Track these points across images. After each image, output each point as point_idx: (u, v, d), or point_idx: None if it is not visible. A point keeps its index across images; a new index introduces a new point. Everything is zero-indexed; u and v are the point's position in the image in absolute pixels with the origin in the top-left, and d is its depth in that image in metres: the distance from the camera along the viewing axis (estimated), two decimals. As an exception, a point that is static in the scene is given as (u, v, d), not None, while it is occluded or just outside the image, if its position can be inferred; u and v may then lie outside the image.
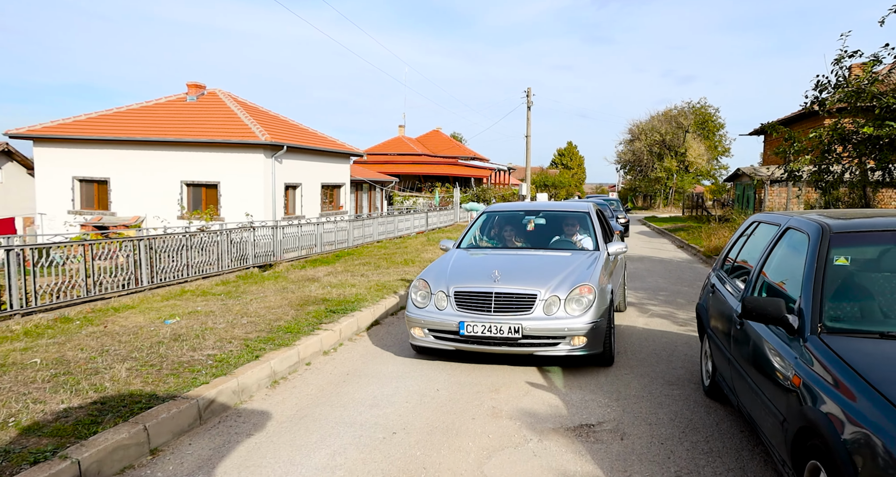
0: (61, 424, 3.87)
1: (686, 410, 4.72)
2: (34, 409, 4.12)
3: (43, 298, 7.36)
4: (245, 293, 9.13)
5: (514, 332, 5.46)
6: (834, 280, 3.19)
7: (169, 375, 4.95)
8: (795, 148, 8.40)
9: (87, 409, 4.14)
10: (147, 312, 7.71)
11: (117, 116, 24.31)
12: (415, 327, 5.89)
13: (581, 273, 5.90)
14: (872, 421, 2.30)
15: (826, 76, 8.17)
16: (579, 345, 5.49)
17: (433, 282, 6.00)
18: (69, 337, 6.28)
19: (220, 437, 4.19)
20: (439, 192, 39.03)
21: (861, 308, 3.11)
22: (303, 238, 14.07)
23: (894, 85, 7.74)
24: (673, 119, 55.38)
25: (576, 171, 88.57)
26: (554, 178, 72.37)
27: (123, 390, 4.54)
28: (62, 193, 23.26)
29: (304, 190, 25.33)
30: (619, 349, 6.56)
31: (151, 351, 5.67)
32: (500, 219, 7.86)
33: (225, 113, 24.19)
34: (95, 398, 4.35)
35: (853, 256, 3.35)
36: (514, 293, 5.61)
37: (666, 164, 54.27)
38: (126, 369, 5.04)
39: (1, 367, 5.12)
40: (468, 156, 55.37)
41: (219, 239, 11.00)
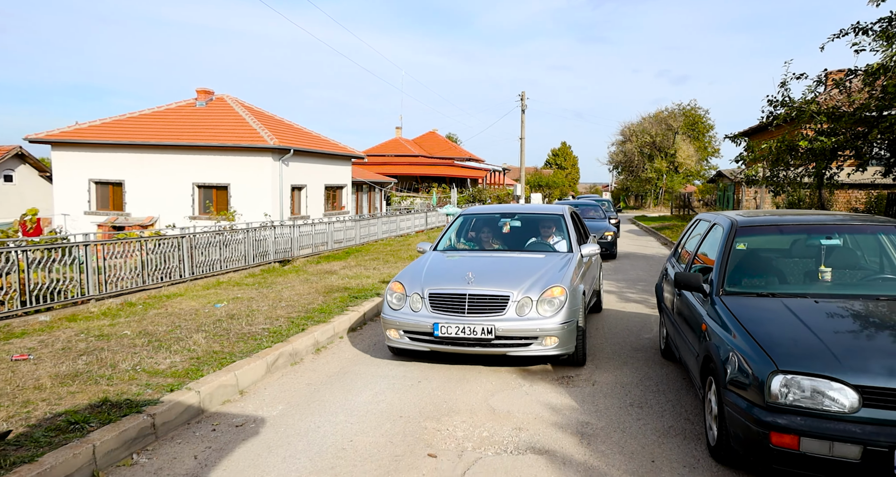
0: (174, 371, 5.18)
1: (644, 366, 6.06)
2: (149, 362, 5.43)
3: (111, 286, 8.65)
4: (274, 284, 10.43)
5: (487, 333, 5.54)
6: (735, 258, 4.55)
7: (237, 341, 6.27)
8: (750, 156, 9.79)
9: (188, 362, 5.45)
10: (195, 298, 9.01)
11: (131, 122, 25.51)
12: (390, 329, 5.97)
13: (553, 275, 6.03)
14: (738, 346, 3.63)
15: (775, 96, 9.56)
16: (551, 345, 5.60)
17: (408, 284, 6.09)
18: (141, 316, 7.58)
19: (287, 384, 5.50)
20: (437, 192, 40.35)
21: (749, 277, 4.46)
22: (316, 236, 15.37)
23: (829, 106, 9.14)
24: (663, 121, 56.91)
25: (570, 171, 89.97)
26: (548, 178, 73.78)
27: (208, 351, 5.85)
28: (79, 195, 24.46)
29: (309, 191, 26.58)
30: (598, 326, 7.89)
31: (215, 326, 6.97)
32: (477, 221, 7.92)
33: (233, 118, 25.41)
34: (190, 356, 5.66)
35: (749, 243, 4.71)
36: (487, 295, 5.70)
37: (656, 165, 55.81)
38: (202, 338, 6.35)
39: (104, 336, 6.42)
40: (464, 157, 56.68)
41: (244, 237, 12.29)
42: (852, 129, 8.70)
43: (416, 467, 3.82)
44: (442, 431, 4.39)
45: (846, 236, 4.85)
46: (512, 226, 7.72)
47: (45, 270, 7.74)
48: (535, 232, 7.56)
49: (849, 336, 3.45)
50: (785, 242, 4.86)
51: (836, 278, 4.34)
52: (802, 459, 3.11)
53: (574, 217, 7.84)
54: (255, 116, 25.76)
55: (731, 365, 3.58)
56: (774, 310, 3.90)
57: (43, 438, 3.74)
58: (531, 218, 7.84)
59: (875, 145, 8.93)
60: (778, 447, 3.16)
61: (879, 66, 8.08)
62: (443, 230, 7.76)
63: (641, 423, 4.54)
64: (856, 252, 4.77)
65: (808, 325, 3.59)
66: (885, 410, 3.03)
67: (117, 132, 24.51)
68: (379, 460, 3.92)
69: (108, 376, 5.01)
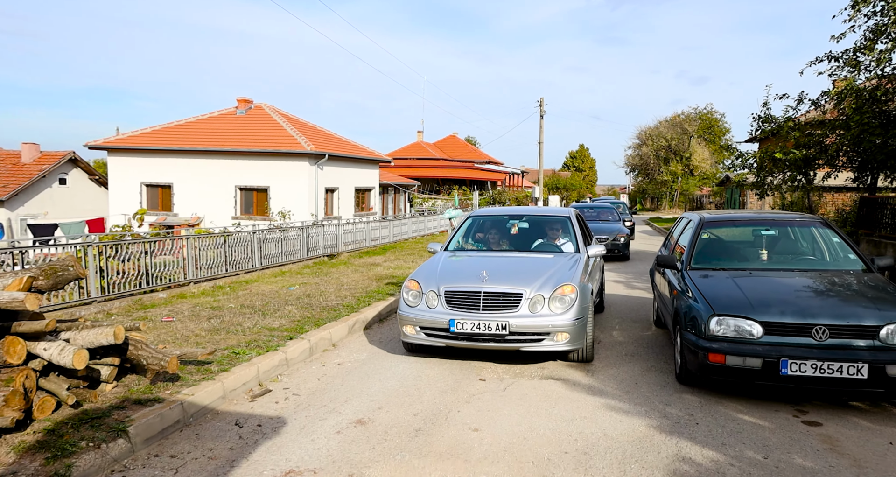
0: (285, 328, 7.00)
1: (639, 331, 7.75)
2: (263, 323, 7.25)
3: (203, 272, 10.53)
4: (329, 273, 12.26)
5: (501, 329, 5.74)
6: (700, 244, 6.24)
7: (321, 311, 8.07)
8: (739, 164, 11.44)
9: (291, 324, 7.26)
10: (269, 283, 10.85)
11: (177, 129, 27.65)
12: (407, 325, 6.18)
13: (564, 273, 6.24)
14: (693, 301, 5.33)
15: (758, 114, 11.20)
16: (562, 341, 5.79)
17: (424, 282, 6.28)
18: (234, 295, 9.42)
19: (364, 341, 7.28)
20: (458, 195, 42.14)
21: (709, 257, 6.16)
22: (356, 234, 17.22)
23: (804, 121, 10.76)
24: (679, 125, 58.14)
25: (587, 173, 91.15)
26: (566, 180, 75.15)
27: (302, 317, 7.66)
28: (131, 197, 26.61)
29: (341, 193, 28.48)
30: (606, 305, 9.55)
31: (299, 301, 8.79)
32: (485, 223, 8.12)
33: (272, 125, 27.41)
34: (290, 320, 7.47)
35: (712, 233, 6.40)
36: (501, 292, 5.90)
37: (671, 167, 57.06)
38: (294, 309, 8.17)
39: (216, 308, 8.28)
40: (483, 160, 58.39)
41: (297, 234, 14.14)
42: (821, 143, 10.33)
43: (472, 385, 5.57)
44: (487, 368, 6.13)
45: (788, 229, 6.54)
46: (520, 227, 7.92)
47: (153, 258, 9.62)
48: (542, 233, 7.77)
49: (762, 293, 5.13)
50: (737, 233, 6.56)
51: (769, 258, 6.04)
52: (727, 369, 4.81)
53: (579, 219, 8.07)
54: (291, 124, 27.74)
55: (688, 314, 5.29)
56: (721, 278, 5.60)
57: (225, 360, 5.57)
58: (538, 220, 8.08)
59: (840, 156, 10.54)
60: (713, 363, 4.86)
61: (844, 89, 9.69)
62: (452, 232, 8.04)
63: (631, 364, 6.25)
64: (795, 240, 6.45)
65: (740, 287, 5.28)
66: (777, 336, 4.71)
67: (166, 139, 26.63)
68: (446, 382, 5.68)
69: (241, 330, 6.84)
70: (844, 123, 9.55)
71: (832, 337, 4.62)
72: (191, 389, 4.78)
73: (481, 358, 6.36)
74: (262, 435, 4.35)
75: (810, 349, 4.60)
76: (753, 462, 3.90)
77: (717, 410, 4.85)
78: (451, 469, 3.82)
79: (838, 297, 5.05)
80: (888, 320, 4.58)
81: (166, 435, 4.28)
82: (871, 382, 4.47)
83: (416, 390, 5.38)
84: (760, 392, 5.20)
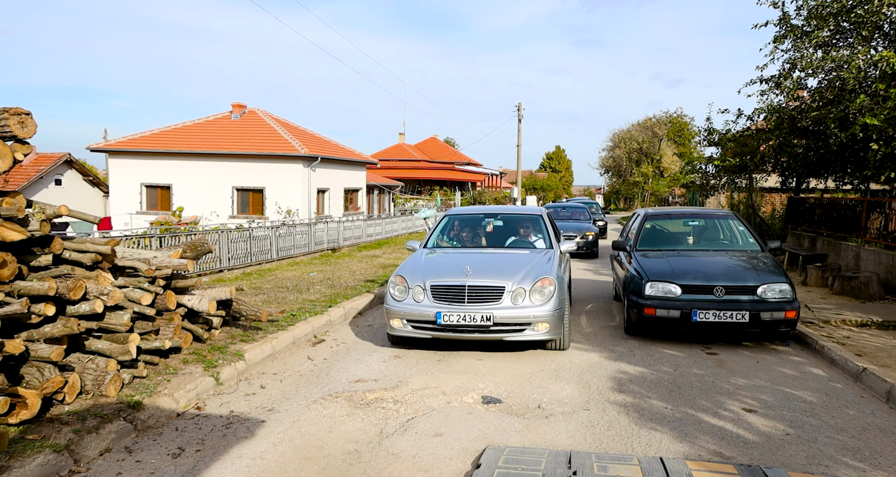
0: (321, 300, 8.83)
1: (601, 304, 9.72)
2: (303, 297, 9.07)
3: (233, 261, 12.28)
4: (338, 263, 14.06)
5: (485, 320, 6.03)
6: (644, 232, 8.24)
7: (345, 290, 9.90)
8: (689, 169, 13.54)
9: (326, 298, 9.09)
10: (290, 270, 12.63)
11: (175, 132, 29.10)
12: (394, 319, 6.40)
13: (542, 267, 6.60)
14: (635, 274, 7.31)
15: (702, 127, 13.34)
16: (542, 331, 6.14)
17: (409, 277, 6.53)
18: (264, 279, 11.20)
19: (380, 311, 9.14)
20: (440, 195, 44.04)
21: (649, 241, 8.16)
22: (354, 230, 19.02)
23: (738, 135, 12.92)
24: (650, 128, 60.83)
25: (563, 174, 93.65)
26: (542, 181, 77.50)
27: (331, 294, 9.48)
28: (131, 197, 28.01)
29: (331, 193, 30.17)
30: (575, 287, 11.52)
31: (323, 283, 10.60)
32: (462, 221, 8.39)
33: (266, 129, 29.01)
34: (323, 295, 9.29)
35: (653, 224, 8.41)
36: (484, 286, 6.19)
37: (643, 169, 59.70)
38: (323, 288, 9.99)
39: (255, 288, 10.07)
40: (463, 161, 60.38)
41: (306, 230, 15.91)
42: (753, 152, 12.48)
43: (473, 336, 7.46)
44: (482, 326, 8.02)
45: (709, 221, 8.58)
46: (495, 225, 8.23)
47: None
48: (516, 231, 8.10)
49: (683, 265, 7.13)
50: (672, 223, 8.58)
51: (693, 242, 8.07)
52: (657, 319, 6.78)
53: (549, 218, 8.40)
54: (284, 128, 29.37)
55: (632, 282, 7.26)
56: (656, 256, 7.59)
57: (286, 320, 7.40)
58: (512, 218, 8.41)
59: (767, 163, 12.71)
60: (647, 315, 6.83)
61: (767, 107, 11.83)
62: (430, 230, 8.34)
63: (591, 323, 8.21)
64: (713, 229, 8.48)
65: (669, 262, 7.27)
66: (690, 294, 6.71)
67: (165, 142, 28.07)
68: (453, 334, 7.56)
69: (287, 302, 8.65)
70: (768, 136, 11.68)
71: (727, 294, 6.62)
72: (273, 335, 6.62)
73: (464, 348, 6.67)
74: (330, 364, 6.20)
75: (712, 302, 6.60)
76: (666, 372, 5.88)
77: (649, 348, 6.82)
78: (466, 379, 5.72)
79: (734, 267, 7.07)
80: (763, 282, 6.61)
81: (265, 362, 6.12)
82: (750, 325, 6.49)
83: (433, 342, 7.26)
84: (681, 336, 7.20)
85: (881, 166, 8.90)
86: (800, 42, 11.04)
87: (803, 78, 11.08)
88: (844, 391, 5.35)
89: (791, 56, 11.16)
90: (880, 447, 4.15)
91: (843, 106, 9.15)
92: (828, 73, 10.20)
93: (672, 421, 4.60)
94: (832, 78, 9.92)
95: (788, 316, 6.47)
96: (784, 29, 11.39)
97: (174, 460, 3.91)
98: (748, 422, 4.59)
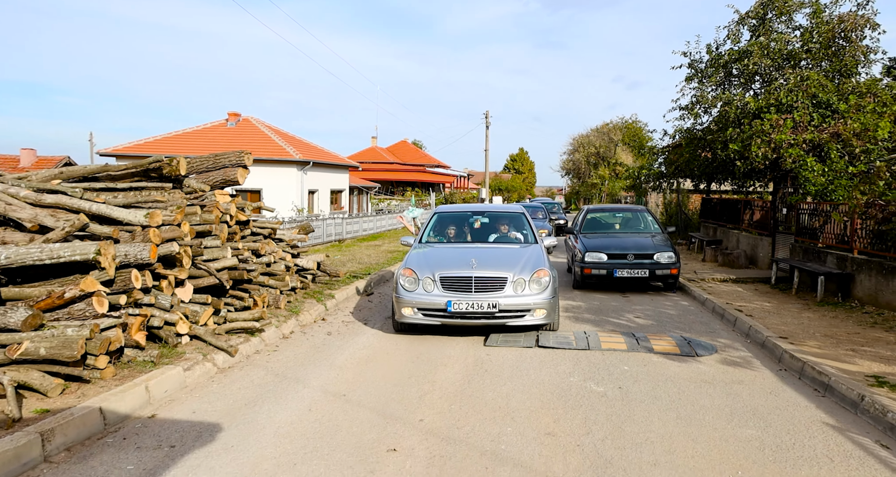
0: (360, 270, 12.32)
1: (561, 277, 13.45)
2: (345, 268, 12.54)
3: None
4: (351, 250, 17.49)
5: (492, 307, 6.58)
6: (585, 221, 12.04)
7: (372, 264, 13.38)
8: (625, 174, 17.43)
9: (361, 268, 12.58)
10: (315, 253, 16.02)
11: (176, 139, 31.93)
12: (405, 307, 6.91)
13: (537, 260, 7.25)
14: (579, 248, 11.06)
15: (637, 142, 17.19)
16: (540, 316, 6.74)
17: (418, 270, 7.02)
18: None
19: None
20: (413, 195, 47.53)
21: (588, 227, 11.94)
22: (353, 225, 22.42)
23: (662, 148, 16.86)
24: (606, 133, 65.52)
25: (527, 175, 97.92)
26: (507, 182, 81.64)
27: (365, 265, 12.96)
28: (139, 197, 30.72)
29: (320, 194, 33.39)
30: (539, 265, 15.20)
31: (351, 262, 14.05)
32: (452, 218, 9.01)
33: (261, 136, 32.08)
34: (359, 267, 12.77)
35: (592, 215, 12.22)
36: (490, 277, 6.77)
37: (600, 172, 64.31)
38: (355, 264, 13.45)
39: (305, 264, 13.49)
40: (433, 164, 63.96)
41: (321, 224, 19.28)
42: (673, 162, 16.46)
43: (471, 291, 11.11)
44: (476, 286, 11.69)
45: (633, 214, 12.39)
46: (482, 222, 8.88)
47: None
48: (502, 226, 8.79)
49: (609, 242, 10.89)
50: (604, 215, 12.38)
51: (619, 228, 11.89)
52: (593, 276, 10.53)
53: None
54: (277, 135, 32.47)
55: (577, 254, 10.98)
56: (593, 237, 11.34)
57: (345, 279, 10.88)
58: (498, 215, 9.15)
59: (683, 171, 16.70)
60: (586, 274, 10.57)
61: (683, 130, 15.78)
62: (423, 227, 8.92)
63: (551, 284, 11.92)
64: (632, 219, 12.29)
65: (601, 240, 11.04)
66: (613, 260, 10.47)
67: (168, 147, 30.87)
68: (457, 290, 11.20)
69: (342, 266, 12.12)
70: (683, 150, 15.62)
71: (635, 259, 10.39)
72: (346, 286, 10.11)
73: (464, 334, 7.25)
74: (381, 304, 9.70)
75: (626, 265, 10.35)
76: (595, 304, 9.59)
77: (588, 294, 10.54)
78: (473, 309, 9.30)
79: (641, 243, 10.86)
80: (658, 251, 10.42)
81: (344, 301, 9.60)
82: (650, 278, 10.29)
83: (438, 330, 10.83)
84: (607, 287, 10.94)
85: (745, 177, 12.83)
86: (701, 83, 15.00)
87: (704, 110, 15.04)
88: (693, 309, 9.17)
89: (696, 93, 15.11)
90: (695, 326, 7.90)
91: (726, 133, 13.03)
92: (720, 108, 14.12)
93: (593, 321, 8.28)
94: (721, 111, 13.85)
95: (672, 272, 10.29)
96: (692, 72, 15.34)
97: (328, 336, 7.37)
98: (634, 321, 8.32)
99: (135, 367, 5.18)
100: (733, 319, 7.99)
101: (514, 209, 9.32)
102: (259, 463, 3.81)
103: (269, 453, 3.95)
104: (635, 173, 17.83)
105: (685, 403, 4.95)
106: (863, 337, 6.86)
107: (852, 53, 12.72)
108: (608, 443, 4.12)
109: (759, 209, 13.30)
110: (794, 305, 8.98)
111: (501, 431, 4.33)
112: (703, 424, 4.47)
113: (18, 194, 5.62)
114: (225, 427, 4.38)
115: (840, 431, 4.39)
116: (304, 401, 4.96)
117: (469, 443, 4.11)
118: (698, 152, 15.35)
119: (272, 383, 5.43)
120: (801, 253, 10.69)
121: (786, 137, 10.52)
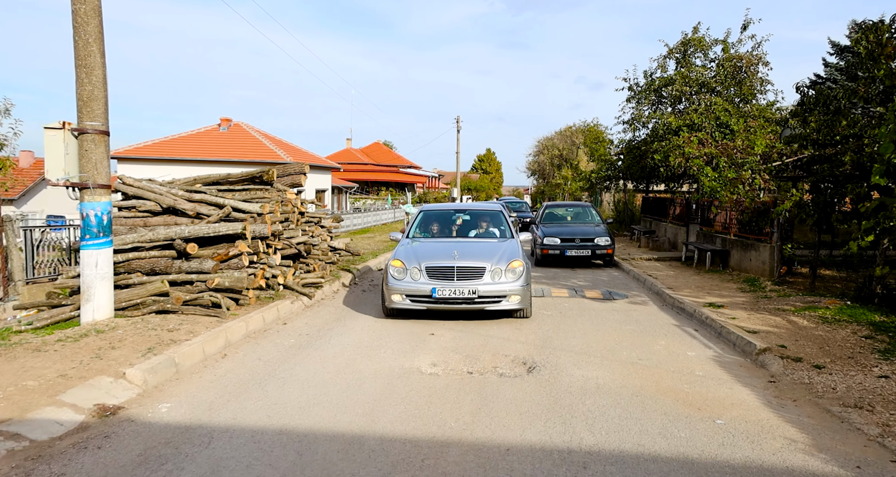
0: (367, 254, 15.51)
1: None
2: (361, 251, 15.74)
3: (288, 238, 18.72)
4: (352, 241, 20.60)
5: (471, 293, 7.46)
6: (544, 215, 15.50)
7: (373, 251, 16.57)
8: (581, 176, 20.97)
9: (368, 253, 15.76)
10: (322, 245, 19.15)
11: (173, 142, 34.44)
12: (395, 294, 7.70)
13: (512, 251, 8.16)
14: (539, 235, 14.49)
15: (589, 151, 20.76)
16: (514, 302, 7.62)
17: (406, 260, 7.86)
18: (315, 248, 17.71)
19: (401, 261, 15.94)
20: (391, 195, 50.64)
21: (547, 219, 15.40)
22: (348, 220, 25.50)
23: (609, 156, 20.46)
24: (569, 137, 69.60)
25: (494, 175, 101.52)
26: (475, 182, 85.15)
27: (369, 252, 16.14)
28: (139, 196, 33.15)
29: (305, 194, 36.21)
30: (508, 251, 18.58)
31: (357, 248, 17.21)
32: (436, 216, 9.84)
33: (252, 140, 34.80)
34: (366, 251, 15.94)
35: (550, 209, 15.69)
36: (470, 266, 7.64)
37: (563, 172, 68.35)
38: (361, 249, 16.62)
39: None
40: (406, 165, 67.04)
41: (318, 219, 22.32)
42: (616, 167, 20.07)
43: (457, 268, 14.44)
44: (460, 265, 15.04)
45: (581, 208, 15.88)
46: (464, 219, 9.65)
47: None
48: (482, 223, 9.58)
49: (561, 230, 14.36)
50: (560, 209, 15.86)
51: (570, 220, 15.38)
52: (550, 256, 13.97)
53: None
54: (267, 139, 35.23)
55: (538, 240, 14.41)
56: (550, 226, 14.80)
57: (362, 258, 14.08)
58: (478, 213, 9.98)
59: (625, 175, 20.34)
60: (544, 254, 14.01)
61: (624, 141, 19.39)
62: (410, 222, 9.63)
63: (518, 264, 15.34)
64: (581, 213, 15.78)
65: (556, 229, 14.48)
66: (565, 242, 13.92)
67: (166, 150, 33.39)
68: (446, 268, 14.51)
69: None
70: (625, 158, 19.21)
71: (581, 242, 13.85)
72: (364, 263, 13.31)
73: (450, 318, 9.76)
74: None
75: (574, 246, 13.80)
76: (550, 275, 12.98)
77: (546, 269, 13.91)
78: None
79: (586, 230, 14.32)
80: (598, 236, 13.93)
81: (363, 275, 12.78)
82: (592, 257, 13.79)
83: (437, 269, 14.15)
84: (561, 264, 14.36)
85: (668, 180, 16.43)
86: (639, 103, 18.61)
87: (641, 125, 18.66)
88: (620, 277, 12.64)
89: (634, 112, 18.72)
90: (618, 286, 11.32)
91: (653, 145, 16.58)
92: (652, 125, 17.71)
93: (548, 283, 11.62)
94: (653, 128, 17.44)
95: (608, 252, 13.79)
96: (631, 94, 18.95)
97: (363, 293, 10.54)
98: (576, 283, 11.71)
99: (262, 301, 8.34)
100: (644, 280, 11.48)
101: (493, 207, 10.30)
102: (361, 339, 7.04)
103: (364, 337, 7.17)
104: (588, 176, 21.35)
105: (598, 318, 8.34)
106: (718, 288, 10.40)
107: (749, 83, 16.45)
108: (550, 332, 7.45)
109: (679, 205, 16.93)
110: (689, 272, 12.52)
111: (489, 330, 7.65)
112: (605, 325, 7.86)
113: (178, 194, 8.69)
114: (331, 328, 7.60)
115: (679, 326, 7.84)
116: (367, 320, 8.16)
117: (472, 331, 7.42)
118: (637, 159, 18.94)
119: (343, 312, 8.65)
120: (702, 237, 14.32)
121: (692, 151, 14.06)
